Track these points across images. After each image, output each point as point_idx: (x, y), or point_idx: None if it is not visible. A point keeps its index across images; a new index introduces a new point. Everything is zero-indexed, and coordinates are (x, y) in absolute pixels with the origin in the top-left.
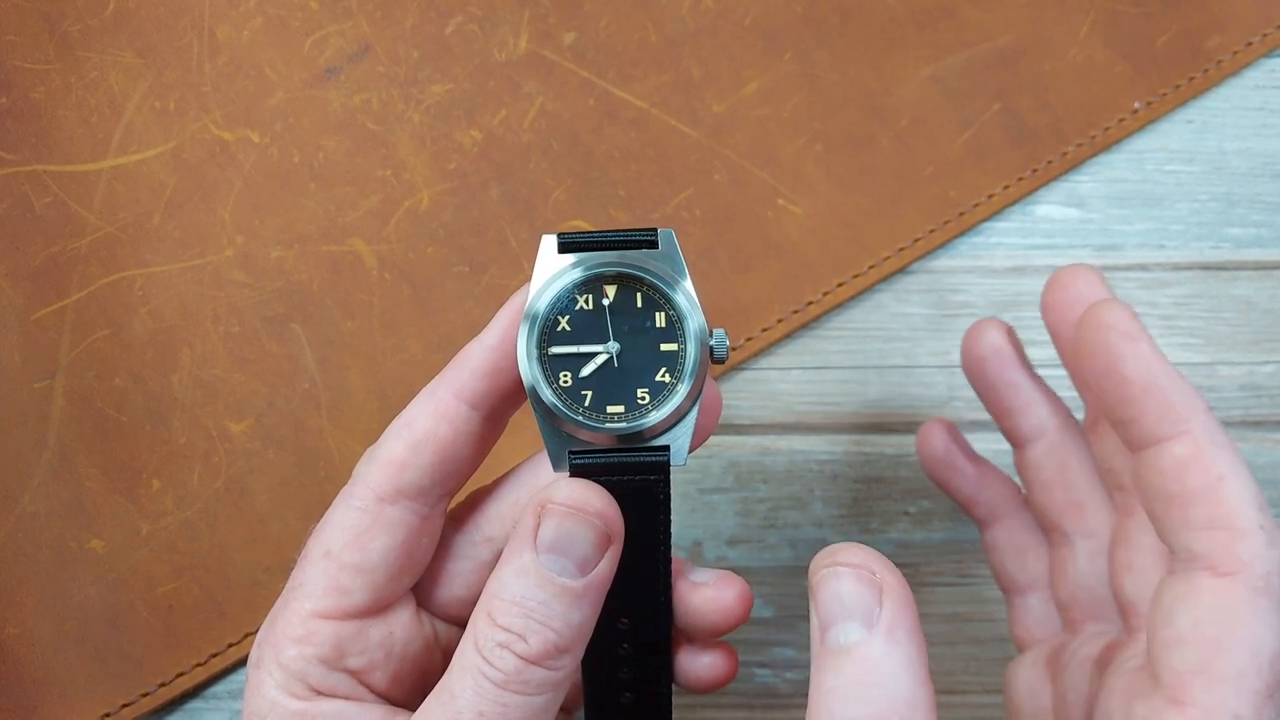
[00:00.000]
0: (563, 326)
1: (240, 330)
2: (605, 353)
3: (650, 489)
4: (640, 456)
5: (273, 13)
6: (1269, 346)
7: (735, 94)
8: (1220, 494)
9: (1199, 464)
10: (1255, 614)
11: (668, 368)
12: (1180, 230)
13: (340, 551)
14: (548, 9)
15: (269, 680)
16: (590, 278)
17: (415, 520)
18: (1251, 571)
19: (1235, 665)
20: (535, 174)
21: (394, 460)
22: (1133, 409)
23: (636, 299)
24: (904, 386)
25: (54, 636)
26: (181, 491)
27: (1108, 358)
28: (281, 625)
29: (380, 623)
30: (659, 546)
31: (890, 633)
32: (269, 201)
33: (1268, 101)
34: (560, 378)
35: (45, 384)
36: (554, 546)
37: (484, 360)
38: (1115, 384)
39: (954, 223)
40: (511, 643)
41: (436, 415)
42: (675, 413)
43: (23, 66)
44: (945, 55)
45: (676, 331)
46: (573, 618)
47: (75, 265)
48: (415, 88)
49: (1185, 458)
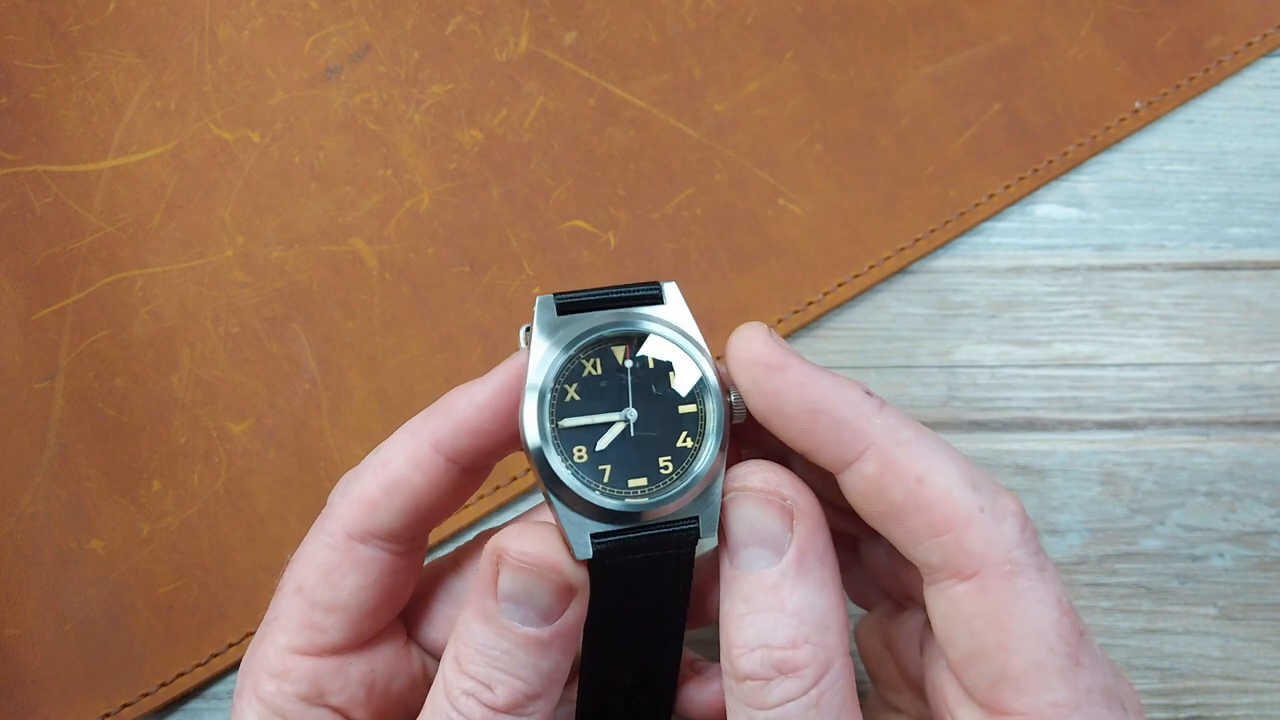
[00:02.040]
0: (571, 396)
1: (240, 330)
2: (622, 420)
3: (676, 563)
4: (667, 532)
5: (273, 13)
6: (1269, 346)
7: (736, 94)
8: (925, 497)
9: (892, 475)
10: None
11: (688, 432)
12: (1180, 230)
13: (312, 589)
14: (548, 9)
15: (250, 711)
16: (596, 340)
17: (388, 558)
18: (991, 559)
19: (1029, 659)
20: (536, 174)
21: (366, 499)
22: (809, 441)
23: (648, 361)
24: (904, 386)
25: (54, 636)
26: (182, 492)
27: (762, 397)
28: (259, 658)
29: (361, 659)
30: (676, 615)
31: (800, 560)
32: (269, 201)
33: (1268, 101)
34: (575, 453)
35: (45, 384)
36: (512, 597)
37: (471, 418)
38: (781, 422)
39: (954, 222)
40: (478, 691)
41: (413, 463)
42: (703, 481)
43: (23, 66)
44: (945, 55)
45: (694, 392)
46: (541, 666)
47: (75, 265)
48: (416, 88)
49: (877, 475)
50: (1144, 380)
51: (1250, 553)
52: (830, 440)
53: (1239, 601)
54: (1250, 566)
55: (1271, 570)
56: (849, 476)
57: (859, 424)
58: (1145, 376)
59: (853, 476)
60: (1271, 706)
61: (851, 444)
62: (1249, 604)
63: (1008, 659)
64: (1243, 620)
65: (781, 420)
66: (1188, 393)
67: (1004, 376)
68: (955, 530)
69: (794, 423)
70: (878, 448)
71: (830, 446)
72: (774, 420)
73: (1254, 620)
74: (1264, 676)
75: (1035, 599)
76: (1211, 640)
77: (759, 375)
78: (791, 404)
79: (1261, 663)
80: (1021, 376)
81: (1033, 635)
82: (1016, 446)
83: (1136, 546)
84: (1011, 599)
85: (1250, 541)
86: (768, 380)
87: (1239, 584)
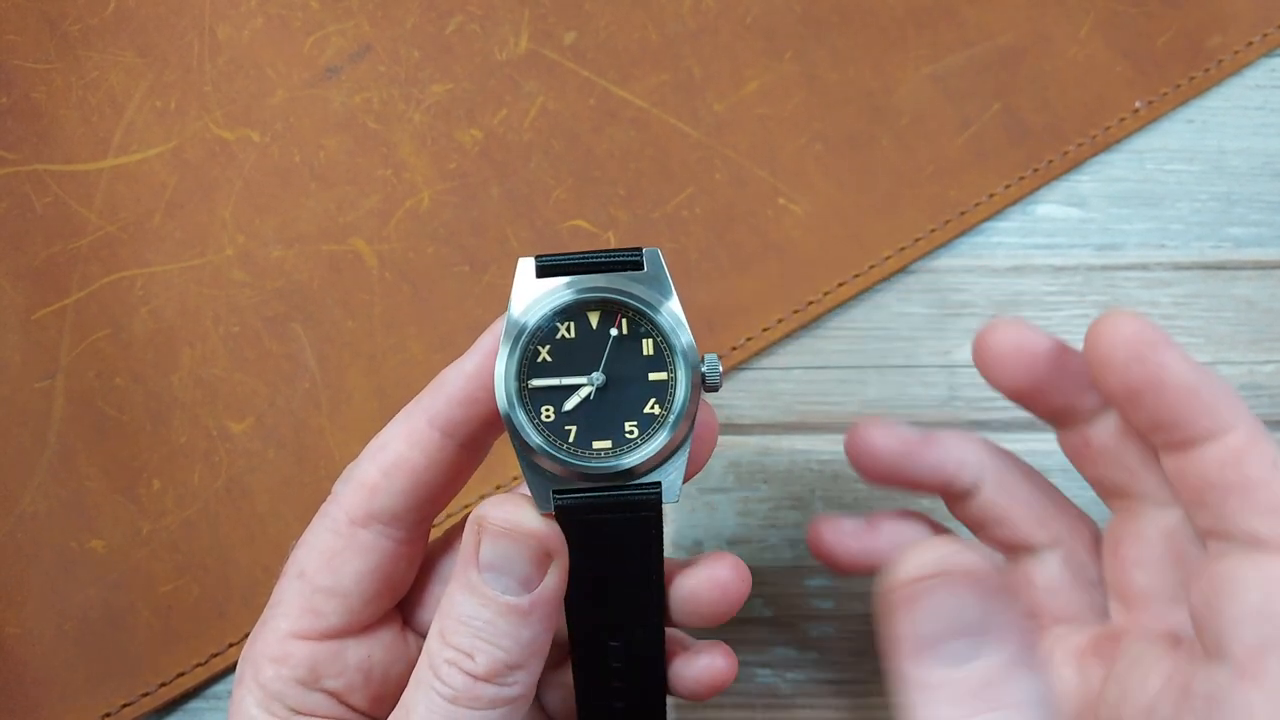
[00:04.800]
0: (543, 357)
1: (241, 330)
2: (589, 384)
3: (641, 525)
4: (630, 494)
5: (273, 12)
6: (1269, 346)
7: (735, 93)
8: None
9: (1256, 453)
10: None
11: (657, 399)
12: (1181, 230)
13: (313, 574)
14: (548, 8)
15: (249, 698)
16: (571, 304)
17: (390, 544)
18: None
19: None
20: (536, 173)
21: (366, 483)
22: (1177, 413)
23: (622, 325)
24: (905, 386)
25: (54, 636)
26: (182, 491)
27: (1143, 368)
28: (260, 644)
29: (358, 644)
30: (651, 577)
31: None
32: (270, 201)
33: (1268, 101)
34: (542, 412)
35: (45, 384)
36: (492, 565)
37: (461, 388)
38: (1156, 392)
39: (954, 222)
40: (460, 660)
41: (409, 441)
42: (666, 448)
43: (23, 66)
44: (945, 55)
45: (665, 359)
46: (521, 635)
47: (76, 265)
48: (416, 87)
49: (1241, 448)
50: None
51: None
52: (1203, 415)
53: None
54: None
55: None
56: (1208, 447)
57: (1230, 406)
58: None
59: (1214, 447)
60: None
61: (1221, 420)
62: None
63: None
64: None
65: (1155, 391)
66: None
67: None
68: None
69: (1171, 394)
70: (1247, 428)
71: (1200, 420)
72: (1147, 391)
73: None
74: None
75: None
76: None
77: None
78: (1175, 377)
79: None
80: None
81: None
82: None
83: None
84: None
85: None
86: (1154, 354)
87: None
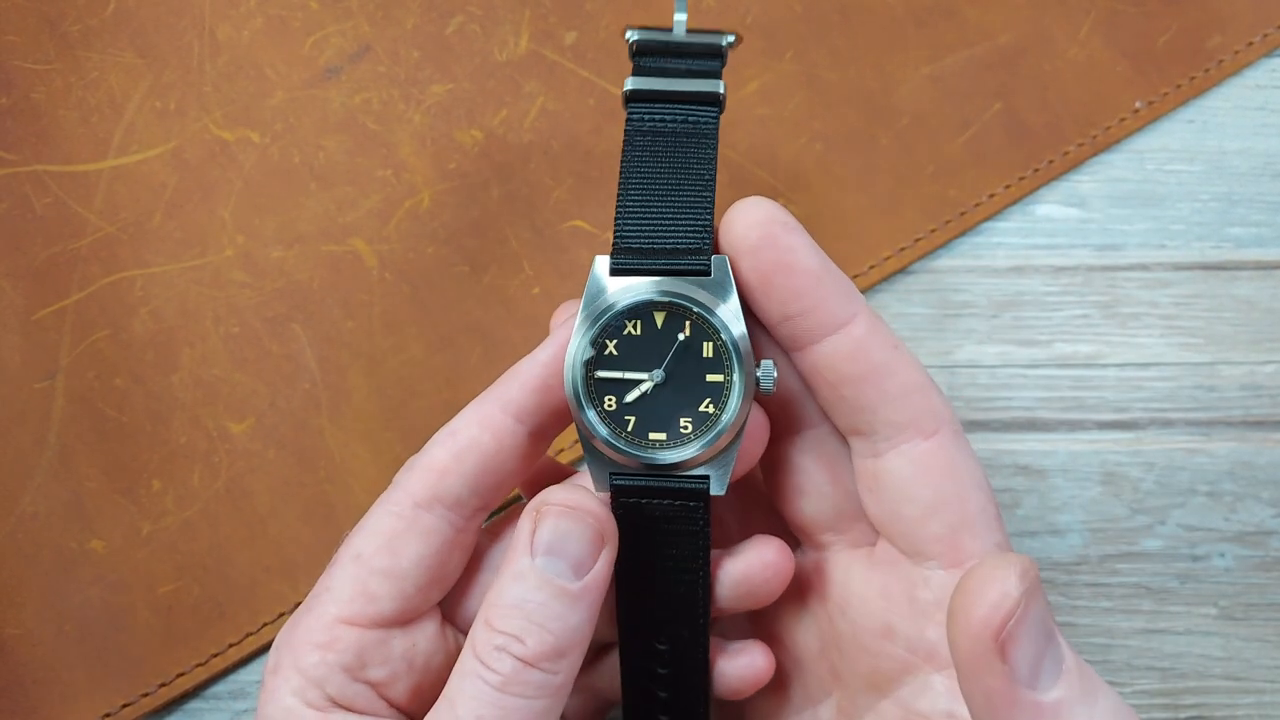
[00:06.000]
0: (610, 351)
1: (240, 330)
2: (650, 380)
3: (688, 514)
4: (680, 483)
5: (273, 13)
6: (1270, 346)
7: (735, 93)
8: (902, 361)
9: (877, 338)
10: (966, 455)
11: (712, 399)
12: (1181, 230)
13: (371, 556)
14: (548, 9)
15: (285, 686)
16: (640, 304)
17: (449, 530)
18: (946, 418)
19: (977, 505)
20: (536, 174)
21: (435, 466)
22: (808, 299)
23: (685, 327)
24: None
25: (54, 636)
26: (182, 491)
27: (775, 251)
28: (303, 630)
29: (404, 634)
30: (699, 571)
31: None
32: (269, 201)
33: (1269, 101)
34: (605, 401)
35: (45, 384)
36: (550, 549)
37: (534, 375)
38: (786, 276)
39: (954, 222)
40: (509, 645)
41: (482, 425)
42: (716, 445)
43: (23, 66)
44: (945, 55)
45: (724, 363)
46: (570, 619)
47: (75, 265)
48: (416, 88)
49: (863, 336)
50: (1145, 380)
51: (1251, 553)
52: (832, 300)
53: (1240, 602)
54: (1251, 567)
55: (1273, 570)
56: (834, 340)
57: (853, 291)
58: (1146, 376)
59: (840, 339)
60: (1272, 706)
61: (849, 306)
62: (1250, 604)
63: (964, 505)
64: (1244, 620)
65: (785, 275)
66: (1189, 393)
67: (1004, 376)
68: (923, 391)
69: (801, 278)
70: (867, 313)
71: (830, 305)
72: (778, 275)
73: (1255, 620)
74: (1265, 677)
75: (971, 454)
76: (1212, 640)
77: (776, 232)
78: (805, 262)
79: (1262, 663)
80: (1022, 376)
81: (977, 487)
82: (1017, 446)
83: (1137, 546)
84: (962, 455)
85: (1251, 541)
86: (785, 238)
87: (1240, 584)
